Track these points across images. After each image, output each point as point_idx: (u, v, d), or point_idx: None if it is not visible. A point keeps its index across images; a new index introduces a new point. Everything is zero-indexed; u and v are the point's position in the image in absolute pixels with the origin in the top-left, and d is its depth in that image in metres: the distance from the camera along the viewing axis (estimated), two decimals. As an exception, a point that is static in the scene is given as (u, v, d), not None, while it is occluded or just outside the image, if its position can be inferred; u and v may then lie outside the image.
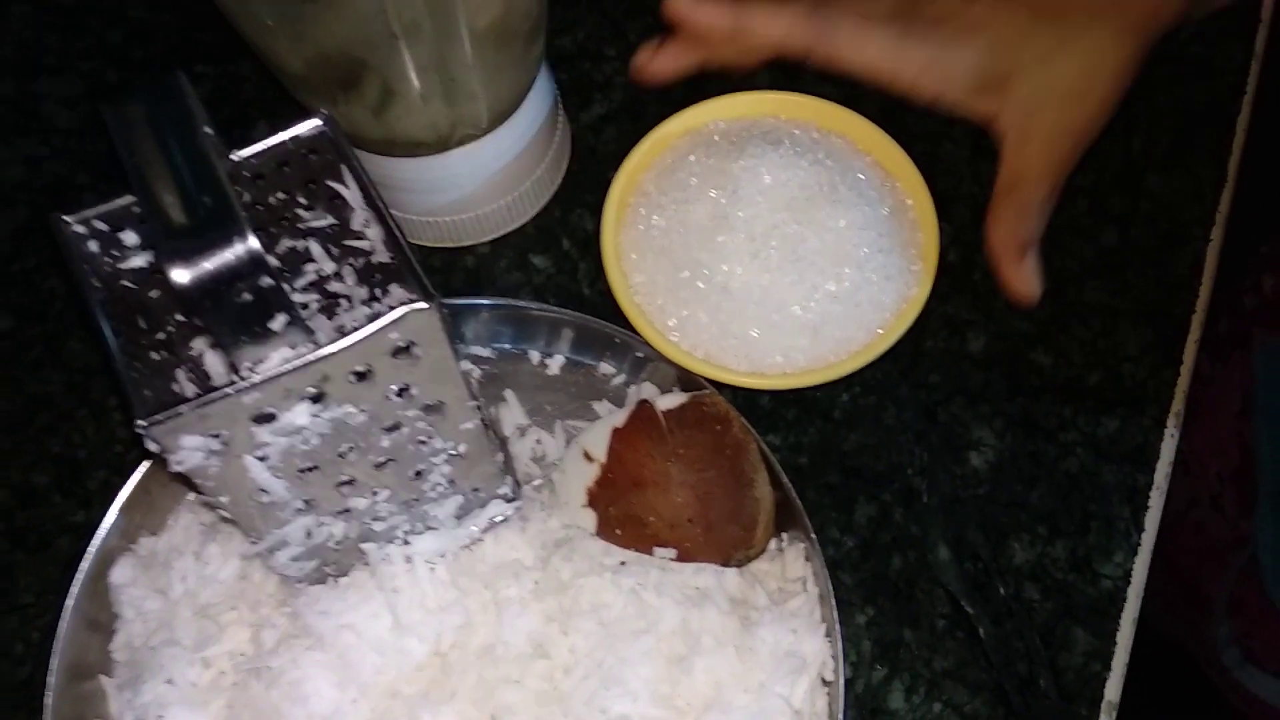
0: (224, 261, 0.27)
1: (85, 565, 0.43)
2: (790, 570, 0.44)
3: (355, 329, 0.39)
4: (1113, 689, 0.43)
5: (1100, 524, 0.46)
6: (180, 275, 0.27)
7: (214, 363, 0.39)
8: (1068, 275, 0.51)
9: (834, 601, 0.41)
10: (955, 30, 0.42)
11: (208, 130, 0.30)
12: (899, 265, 0.46)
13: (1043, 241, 0.44)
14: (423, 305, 0.31)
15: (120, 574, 0.43)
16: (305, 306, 0.38)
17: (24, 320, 0.52)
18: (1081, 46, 0.42)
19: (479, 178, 0.49)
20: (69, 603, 0.42)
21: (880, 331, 0.45)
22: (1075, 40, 0.42)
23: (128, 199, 0.34)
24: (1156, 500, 0.46)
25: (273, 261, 0.31)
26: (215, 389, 0.31)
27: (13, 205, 0.55)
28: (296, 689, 0.40)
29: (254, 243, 0.27)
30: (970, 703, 0.43)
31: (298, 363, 0.30)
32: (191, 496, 0.46)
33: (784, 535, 0.44)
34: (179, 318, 0.38)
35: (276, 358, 0.31)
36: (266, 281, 0.28)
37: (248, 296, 0.28)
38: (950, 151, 0.54)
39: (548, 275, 0.52)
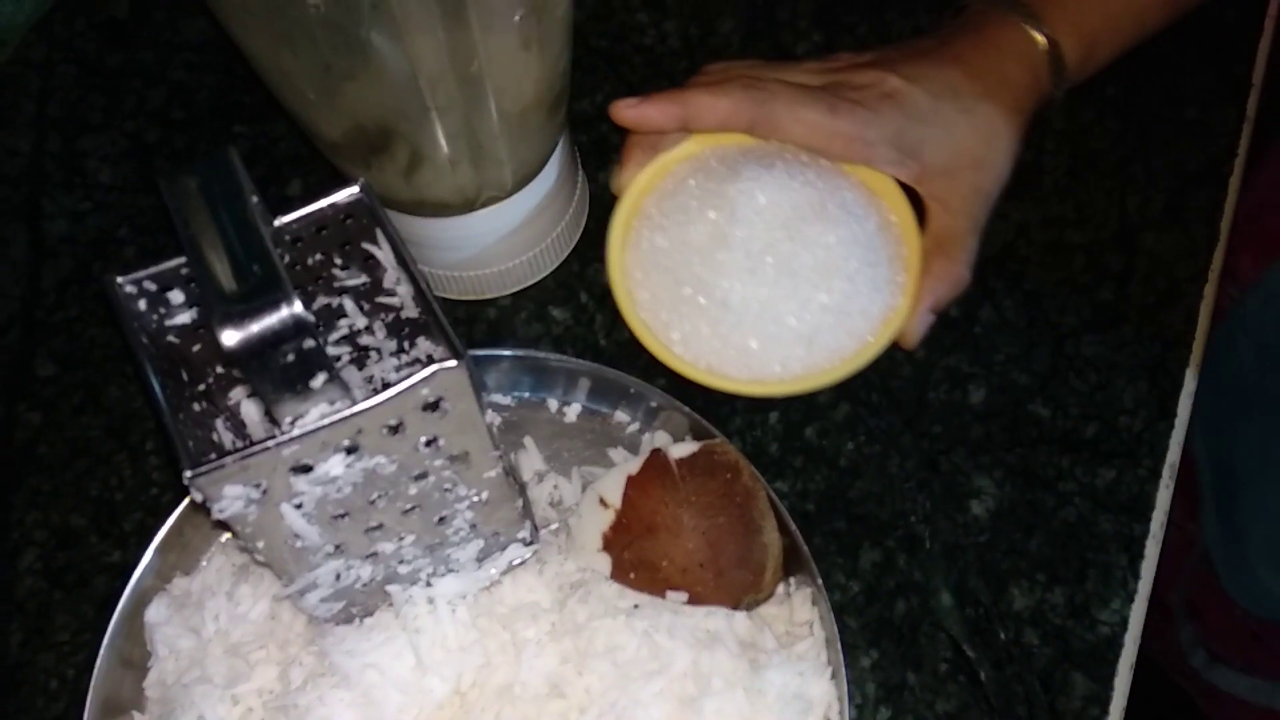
0: (270, 326, 0.29)
1: (121, 604, 0.45)
2: (798, 614, 0.45)
3: (384, 380, 0.41)
4: (1110, 733, 0.44)
5: (1098, 571, 0.47)
6: (230, 338, 0.29)
7: (250, 411, 0.42)
8: (1066, 330, 0.53)
9: (840, 645, 0.42)
10: (876, 96, 0.48)
11: (255, 200, 0.33)
12: (885, 277, 0.48)
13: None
14: (452, 364, 0.33)
15: (155, 613, 0.45)
16: (338, 359, 0.41)
17: (66, 367, 0.55)
18: (978, 120, 0.48)
19: (502, 236, 0.51)
20: (105, 640, 0.44)
21: (870, 339, 0.48)
22: (972, 114, 0.48)
23: (175, 262, 0.36)
24: (1152, 549, 0.48)
25: (310, 319, 0.33)
26: (255, 440, 0.33)
27: (57, 257, 0.58)
28: (322, 726, 0.42)
29: (299, 309, 0.30)
30: (972, 746, 0.44)
31: (335, 418, 0.32)
32: (225, 539, 0.48)
33: (791, 580, 0.46)
34: (219, 370, 0.41)
35: (315, 412, 0.33)
36: (309, 344, 0.30)
37: (291, 357, 0.30)
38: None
39: (566, 327, 0.55)
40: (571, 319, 0.55)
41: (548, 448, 0.51)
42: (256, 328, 0.29)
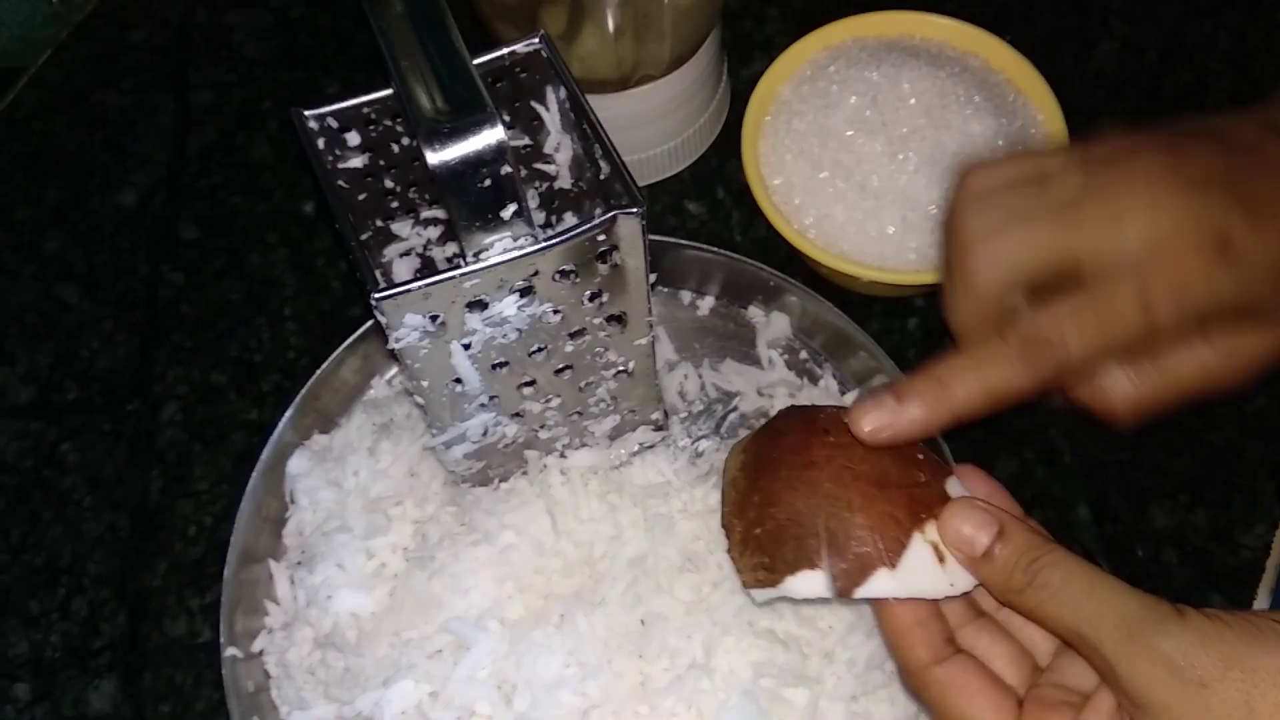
0: (474, 146, 0.30)
1: (264, 455, 0.46)
2: (932, 513, 0.45)
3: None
4: (1249, 656, 0.43)
5: (1243, 496, 0.46)
6: (435, 156, 0.29)
7: (402, 271, 0.42)
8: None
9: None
10: None
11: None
12: None
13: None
14: (633, 210, 0.33)
15: (297, 464, 0.46)
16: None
17: (208, 232, 0.56)
18: None
19: (648, 121, 0.51)
20: (248, 488, 0.45)
21: None
22: None
23: (358, 100, 0.36)
24: (1302, 478, 0.46)
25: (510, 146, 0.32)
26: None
27: (202, 126, 0.59)
28: (458, 581, 0.42)
29: (502, 132, 0.30)
30: (1103, 657, 0.44)
31: (518, 253, 0.32)
32: (367, 397, 0.48)
33: (926, 481, 0.45)
34: (378, 223, 0.41)
35: (498, 248, 0.33)
36: (506, 170, 0.30)
37: (488, 182, 0.30)
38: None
39: (701, 221, 0.54)
40: (707, 214, 0.54)
41: (679, 339, 0.51)
42: (461, 147, 0.29)
